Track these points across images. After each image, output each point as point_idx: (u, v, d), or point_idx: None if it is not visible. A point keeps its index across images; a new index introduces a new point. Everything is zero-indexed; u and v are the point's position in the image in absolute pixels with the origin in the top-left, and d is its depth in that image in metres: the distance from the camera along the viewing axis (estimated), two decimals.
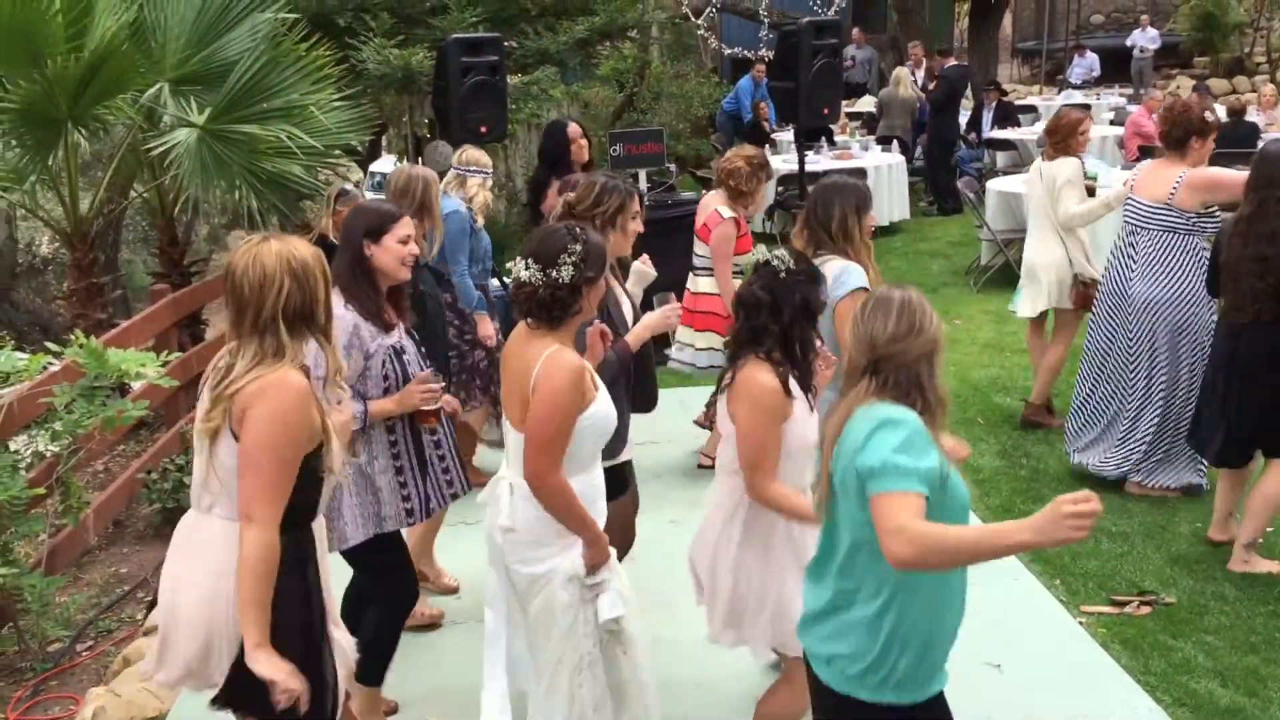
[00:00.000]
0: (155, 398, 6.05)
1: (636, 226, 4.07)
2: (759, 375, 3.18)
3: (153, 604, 5.10)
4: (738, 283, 3.84)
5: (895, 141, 13.52)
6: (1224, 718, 3.96)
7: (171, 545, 2.95)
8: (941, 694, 2.62)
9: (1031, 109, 15.99)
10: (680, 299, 5.45)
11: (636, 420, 4.05)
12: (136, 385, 5.55)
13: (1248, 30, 19.78)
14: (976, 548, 2.35)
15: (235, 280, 2.76)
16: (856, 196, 4.14)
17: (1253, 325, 4.77)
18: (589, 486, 3.18)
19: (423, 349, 3.88)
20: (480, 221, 5.83)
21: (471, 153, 5.91)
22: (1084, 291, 6.30)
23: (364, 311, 3.58)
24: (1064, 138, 6.30)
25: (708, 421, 6.33)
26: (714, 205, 5.74)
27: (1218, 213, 5.43)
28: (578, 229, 3.16)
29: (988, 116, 14.23)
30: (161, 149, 6.59)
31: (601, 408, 3.11)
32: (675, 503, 5.54)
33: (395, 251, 3.65)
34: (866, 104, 16.54)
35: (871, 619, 2.52)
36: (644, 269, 4.47)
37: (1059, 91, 18.65)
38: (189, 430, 6.34)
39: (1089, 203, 6.24)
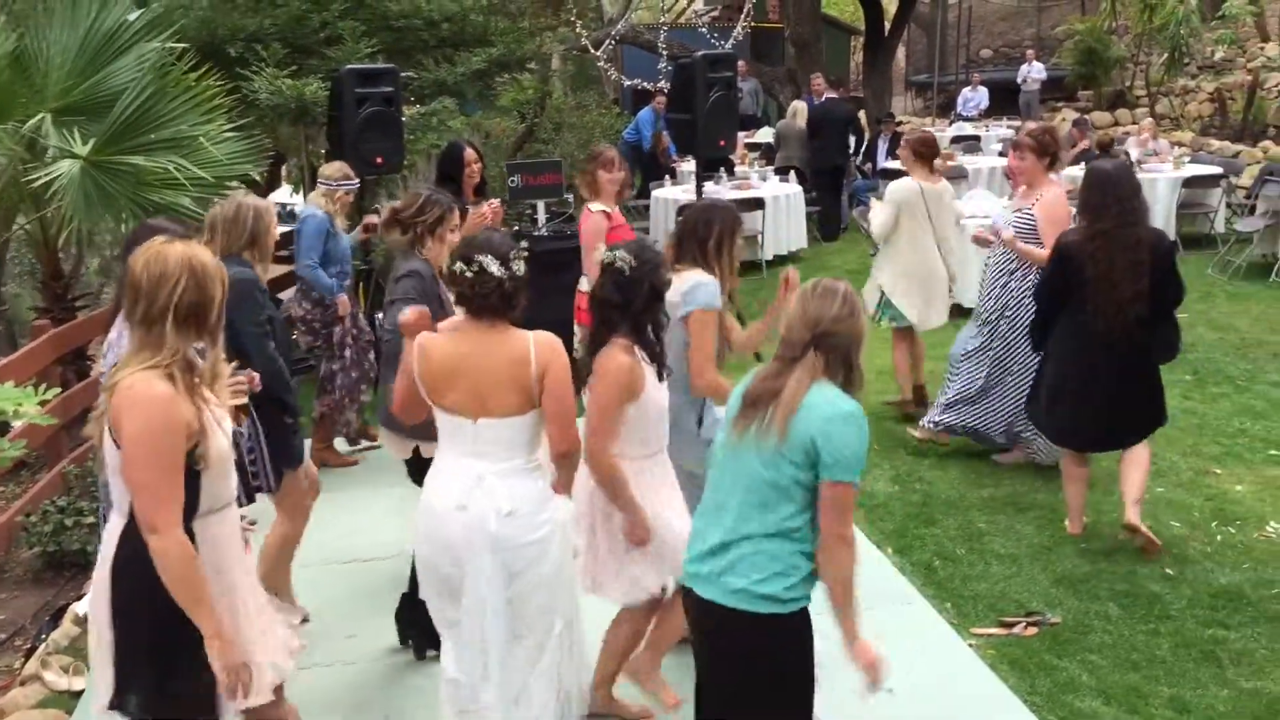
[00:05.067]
0: (35, 437, 5.86)
1: (454, 239, 4.40)
2: (617, 356, 3.61)
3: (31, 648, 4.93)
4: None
5: (793, 172, 13.72)
6: None
7: None
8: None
9: None
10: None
11: None
12: (16, 424, 5.36)
13: (1128, 65, 20.53)
14: (849, 593, 3.05)
15: (135, 273, 2.86)
16: (733, 218, 4.41)
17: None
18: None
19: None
20: (341, 225, 6.64)
21: (329, 168, 6.71)
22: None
23: None
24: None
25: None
26: (586, 206, 6.15)
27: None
28: (499, 230, 3.60)
29: (882, 147, 14.55)
30: (43, 181, 6.42)
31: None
32: None
33: None
34: (765, 135, 16.77)
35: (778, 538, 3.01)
36: None
37: (950, 123, 19.12)
38: (71, 471, 6.16)
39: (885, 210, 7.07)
